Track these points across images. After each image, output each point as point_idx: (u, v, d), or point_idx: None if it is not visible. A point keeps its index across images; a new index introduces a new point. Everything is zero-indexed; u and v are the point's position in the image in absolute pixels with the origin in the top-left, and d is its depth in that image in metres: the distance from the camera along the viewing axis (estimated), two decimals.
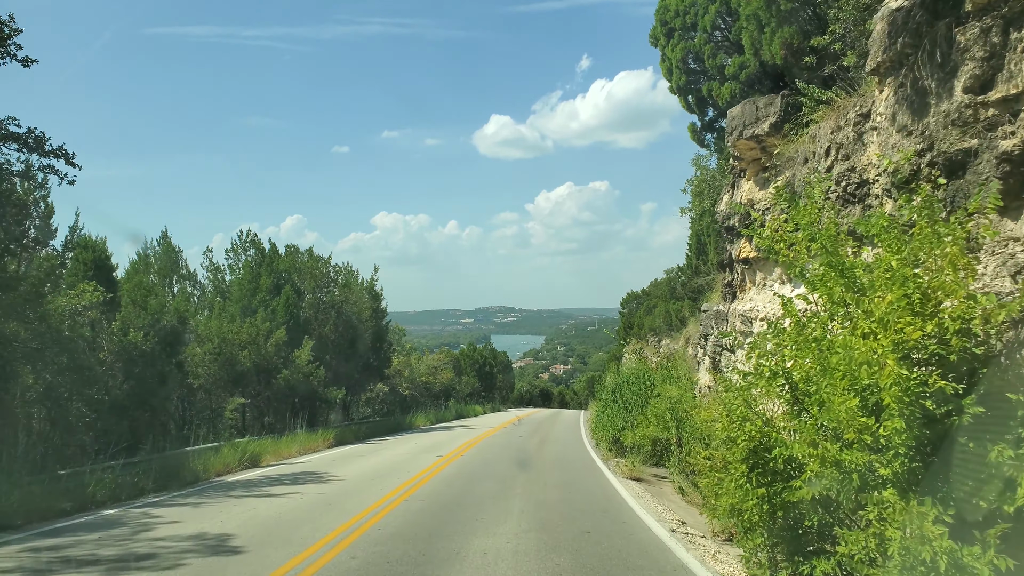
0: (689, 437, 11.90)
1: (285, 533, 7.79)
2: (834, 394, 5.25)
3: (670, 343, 37.09)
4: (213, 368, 21.26)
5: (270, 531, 7.93)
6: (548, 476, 13.02)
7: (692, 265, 25.28)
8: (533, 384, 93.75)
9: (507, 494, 10.69)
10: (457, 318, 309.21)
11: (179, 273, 25.72)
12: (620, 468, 13.93)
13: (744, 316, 12.14)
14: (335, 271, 30.34)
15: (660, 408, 14.19)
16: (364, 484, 12.03)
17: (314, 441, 20.79)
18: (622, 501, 10.23)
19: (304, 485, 12.16)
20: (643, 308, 53.00)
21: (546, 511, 9.19)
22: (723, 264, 14.07)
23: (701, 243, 21.21)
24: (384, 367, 32.62)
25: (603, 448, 18.37)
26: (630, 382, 18.61)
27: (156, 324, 16.16)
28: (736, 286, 13.16)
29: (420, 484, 11.83)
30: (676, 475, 12.33)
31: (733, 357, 13.19)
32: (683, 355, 24.83)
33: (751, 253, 11.84)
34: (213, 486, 12.43)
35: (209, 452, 15.21)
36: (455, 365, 52.38)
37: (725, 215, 12.64)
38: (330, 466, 15.36)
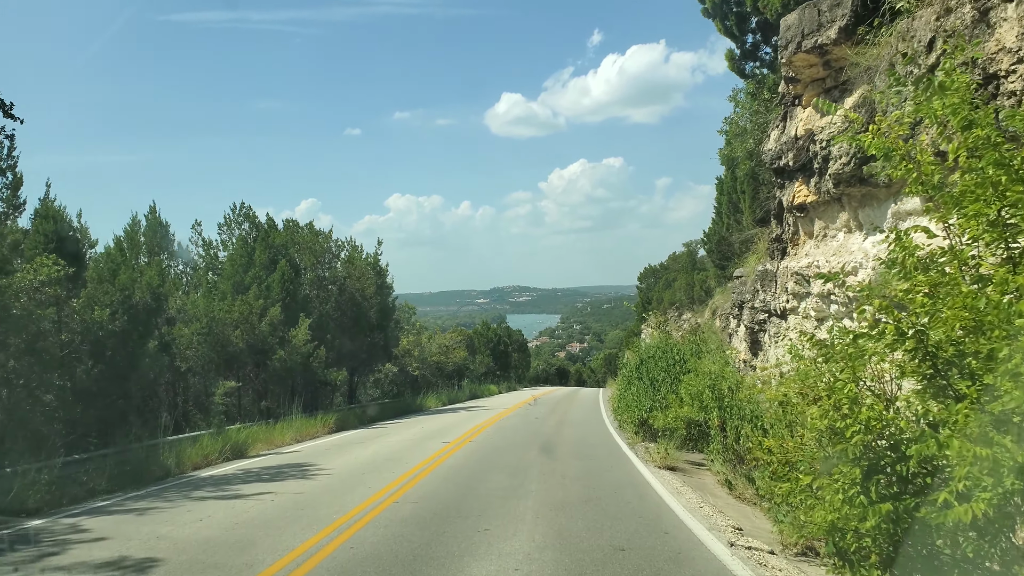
0: (736, 419, 9.99)
1: (228, 556, 6.01)
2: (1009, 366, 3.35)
3: (692, 317, 35.12)
4: (202, 350, 19.61)
5: (212, 553, 6.15)
6: (567, 466, 11.20)
7: (722, 228, 23.17)
8: (549, 363, 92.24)
9: (518, 492, 8.87)
10: (472, 298, 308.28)
11: (169, 251, 24.05)
12: (651, 455, 12.07)
13: (799, 274, 10.14)
14: (337, 246, 28.56)
15: (696, 386, 12.28)
16: (351, 480, 10.27)
17: (312, 427, 19.12)
18: (659, 500, 8.37)
19: (283, 481, 10.42)
20: (662, 282, 50.98)
21: (566, 516, 7.35)
22: (769, 216, 12.06)
23: (733, 201, 19.12)
24: (392, 346, 30.93)
25: (628, 431, 16.52)
26: (656, 357, 16.69)
27: (126, 301, 14.43)
28: (787, 240, 11.15)
29: (417, 479, 10.04)
30: (719, 464, 10.46)
31: (784, 324, 11.21)
32: (710, 328, 22.86)
33: (808, 197, 9.82)
34: (179, 484, 10.73)
35: (187, 443, 13.53)
36: (468, 344, 50.72)
37: (774, 155, 10.61)
38: (322, 456, 13.64)
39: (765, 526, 7.54)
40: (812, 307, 9.89)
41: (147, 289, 14.56)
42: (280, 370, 20.73)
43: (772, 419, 7.77)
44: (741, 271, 17.46)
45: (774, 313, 11.47)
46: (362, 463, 12.24)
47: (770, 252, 11.92)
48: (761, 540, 6.99)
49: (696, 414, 12.41)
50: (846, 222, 9.12)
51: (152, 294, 14.69)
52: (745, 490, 9.16)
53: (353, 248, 29.41)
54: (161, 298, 15.28)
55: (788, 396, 6.31)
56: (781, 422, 7.72)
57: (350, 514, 7.68)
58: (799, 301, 10.53)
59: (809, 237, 10.40)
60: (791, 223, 10.88)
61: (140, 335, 14.60)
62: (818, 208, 9.79)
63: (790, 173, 10.35)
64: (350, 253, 29.12)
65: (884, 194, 8.13)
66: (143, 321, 14.64)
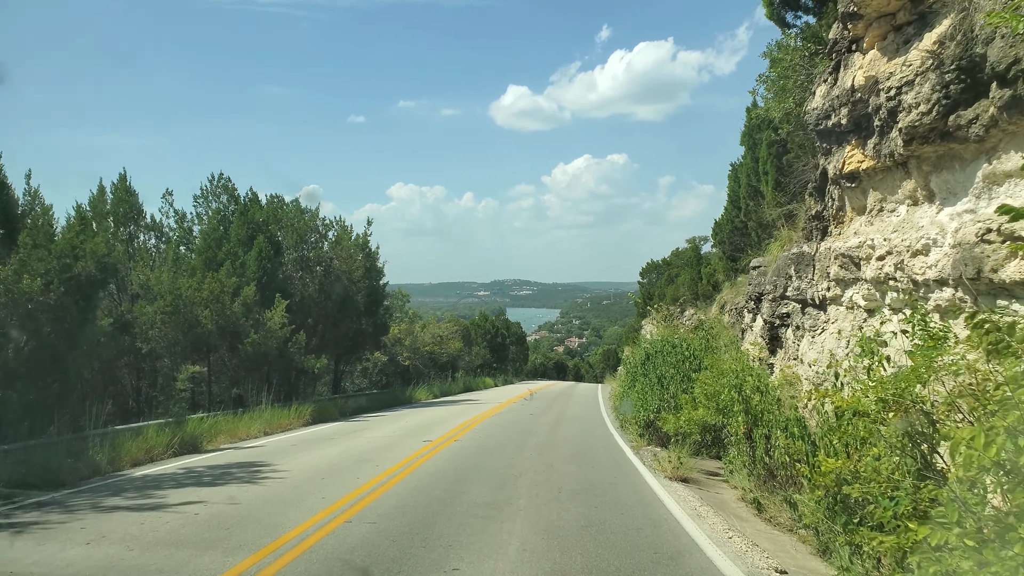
0: (766, 427, 8.31)
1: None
2: None
3: (695, 313, 33.43)
4: (165, 330, 17.91)
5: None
6: (564, 476, 9.52)
7: (736, 217, 21.48)
8: (548, 356, 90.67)
9: (503, 511, 7.20)
10: (473, 290, 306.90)
11: (141, 223, 22.32)
12: (659, 463, 10.39)
13: (847, 256, 8.44)
14: (324, 225, 26.83)
15: (713, 385, 10.61)
16: (306, 486, 8.60)
17: (285, 418, 17.45)
18: (677, 526, 6.69)
19: (223, 486, 8.74)
20: (664, 278, 49.32)
21: (560, 551, 5.68)
22: (802, 193, 10.36)
23: (752, 185, 17.42)
24: (381, 334, 29.20)
25: (631, 432, 14.85)
26: (665, 352, 15.01)
27: (66, 271, 12.71)
28: (830, 217, 9.45)
29: (384, 488, 8.37)
30: (743, 479, 8.79)
31: (822, 315, 9.51)
32: (718, 323, 21.20)
33: (863, 162, 8.11)
34: (99, 487, 9.04)
35: (128, 435, 11.84)
36: (465, 335, 49.01)
37: (821, 114, 8.89)
38: (283, 453, 11.97)
39: (812, 566, 5.88)
40: (862, 295, 8.19)
41: (91, 258, 12.82)
42: (253, 355, 19.04)
43: (823, 431, 6.09)
44: (760, 260, 15.77)
45: (810, 303, 9.76)
46: (326, 464, 10.57)
47: (806, 233, 10.21)
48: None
49: (713, 418, 10.75)
50: (912, 192, 7.41)
51: (98, 264, 12.96)
52: (778, 513, 7.49)
53: (342, 228, 27.69)
54: (108, 268, 13.54)
55: (864, 405, 4.62)
56: (834, 434, 6.03)
57: (286, 537, 6.00)
58: (843, 288, 8.84)
59: (859, 213, 8.69)
60: (836, 197, 9.17)
61: (81, 310, 12.89)
62: (874, 176, 8.08)
63: (840, 135, 8.65)
64: (338, 233, 27.40)
65: (972, 151, 6.43)
66: (86, 294, 12.92)
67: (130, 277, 18.96)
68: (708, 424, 11.20)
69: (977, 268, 5.78)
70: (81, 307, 13.09)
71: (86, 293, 13.00)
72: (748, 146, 17.71)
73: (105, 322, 16.15)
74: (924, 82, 6.71)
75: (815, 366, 9.40)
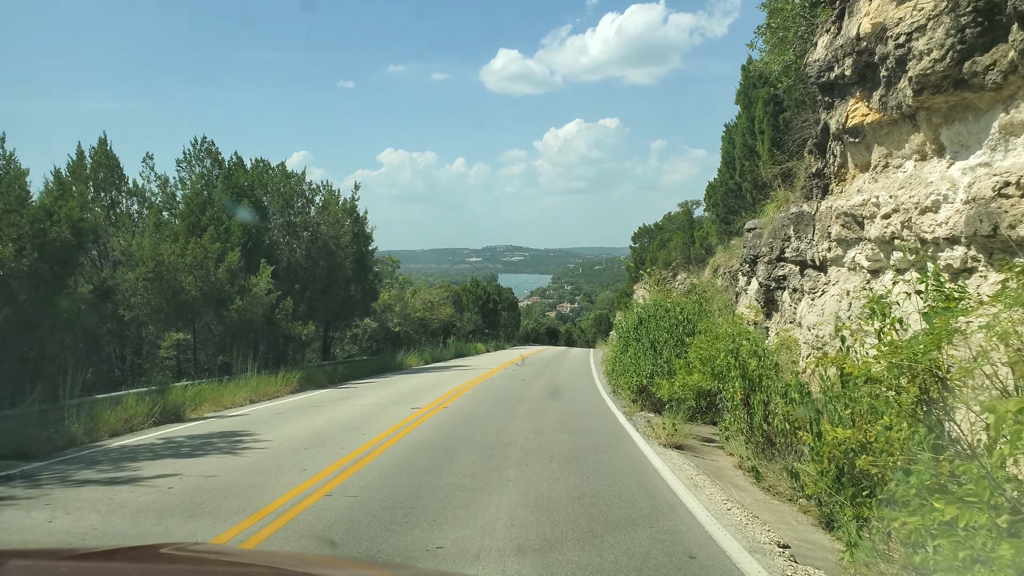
0: (765, 393, 8.04)
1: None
2: None
3: (687, 277, 33.20)
4: (148, 296, 17.46)
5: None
6: (555, 443, 9.27)
7: (730, 179, 21.07)
8: (539, 322, 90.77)
9: (492, 482, 6.92)
10: (464, 257, 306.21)
11: (123, 189, 21.68)
12: (653, 430, 10.15)
13: (850, 215, 8.08)
14: (311, 190, 26.22)
15: (709, 350, 10.32)
16: (287, 457, 8.30)
17: (271, 385, 17.15)
18: (673, 498, 6.43)
19: (202, 457, 8.43)
20: (656, 242, 49.05)
21: (551, 524, 5.41)
22: (800, 152, 9.95)
23: (748, 144, 16.96)
24: (370, 300, 28.82)
25: (624, 397, 14.65)
26: (658, 316, 14.71)
27: (40, 237, 12.22)
28: (831, 175, 9.06)
29: (368, 458, 8.09)
30: (740, 446, 8.55)
31: (823, 277, 9.19)
32: (712, 287, 20.93)
33: (868, 116, 7.70)
34: (72, 459, 8.72)
35: (107, 404, 11.50)
36: (456, 301, 48.72)
37: (823, 65, 8.44)
38: (267, 422, 11.68)
39: (816, 539, 5.64)
40: (865, 255, 7.86)
41: (66, 222, 12.32)
42: (238, 322, 18.66)
43: (828, 397, 5.79)
44: (755, 222, 15.44)
45: (810, 264, 9.43)
46: (310, 433, 10.28)
47: (806, 191, 9.83)
48: (815, 556, 5.10)
49: (708, 383, 10.49)
50: (920, 146, 7.02)
51: (72, 228, 12.46)
52: (777, 482, 7.25)
53: (329, 193, 27.09)
54: (83, 233, 13.05)
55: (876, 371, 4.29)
56: (838, 401, 5.74)
57: (261, 513, 5.70)
58: (845, 249, 8.50)
59: (862, 169, 8.30)
60: (838, 153, 8.77)
61: (56, 276, 12.44)
62: (879, 130, 7.67)
63: (843, 87, 8.21)
64: (326, 198, 26.81)
65: (988, 101, 6.03)
66: (61, 260, 12.45)
67: (110, 243, 18.42)
68: (703, 390, 10.97)
69: (993, 224, 5.43)
70: (56, 273, 12.64)
71: (61, 259, 12.54)
72: (743, 105, 17.21)
73: (85, 289, 15.73)
74: (937, 27, 6.27)
75: (815, 329, 9.11)
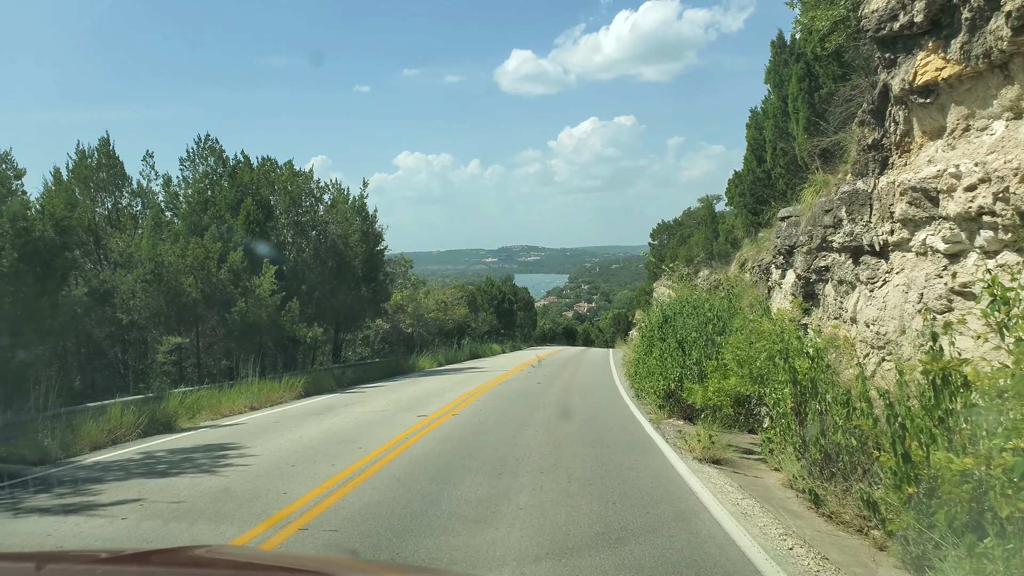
0: (822, 402, 6.87)
1: None
2: None
3: (710, 274, 31.89)
4: (147, 299, 16.62)
5: None
6: (574, 459, 8.17)
7: (756, 167, 19.83)
8: (556, 322, 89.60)
9: (499, 511, 5.84)
10: (480, 257, 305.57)
11: (126, 190, 20.91)
12: (686, 441, 9.02)
13: (920, 190, 6.89)
14: (319, 188, 25.30)
15: (747, 350, 9.15)
16: (271, 476, 7.28)
17: (275, 391, 16.21)
18: (717, 528, 5.32)
19: (175, 477, 7.44)
20: (676, 238, 47.71)
21: (567, 565, 4.31)
22: (859, 119, 8.75)
23: (779, 126, 15.73)
24: (381, 301, 27.88)
25: (649, 402, 13.50)
26: (686, 313, 13.55)
27: (21, 236, 11.35)
28: (892, 145, 7.87)
29: (361, 478, 7.04)
30: (792, 463, 7.38)
31: (883, 265, 7.99)
32: (739, 282, 19.68)
33: (943, 70, 6.51)
34: (37, 478, 7.76)
35: (91, 414, 10.59)
36: (470, 301, 47.69)
37: (884, 15, 7.26)
38: (261, 433, 10.69)
39: None
40: (941, 236, 6.66)
41: (49, 221, 11.44)
42: (241, 324, 17.75)
43: (921, 411, 4.63)
44: (789, 210, 14.21)
45: (867, 250, 8.23)
46: (303, 446, 9.27)
47: (859, 167, 8.63)
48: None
49: (748, 387, 9.34)
50: (1015, 101, 5.83)
51: (56, 227, 11.58)
52: (842, 508, 6.09)
53: (338, 191, 26.19)
54: (68, 232, 12.15)
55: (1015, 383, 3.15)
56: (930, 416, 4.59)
57: None
58: (913, 230, 7.30)
59: (932, 136, 7.11)
60: (900, 120, 7.58)
61: (39, 278, 11.55)
62: (958, 87, 6.48)
63: (910, 39, 7.03)
64: (334, 196, 25.91)
65: None
66: (45, 261, 11.56)
67: (108, 244, 17.61)
68: (741, 395, 9.81)
69: None
70: (39, 275, 11.75)
71: (45, 259, 11.65)
72: (774, 84, 16.01)
73: (79, 291, 14.89)
74: None
75: (875, 326, 7.91)
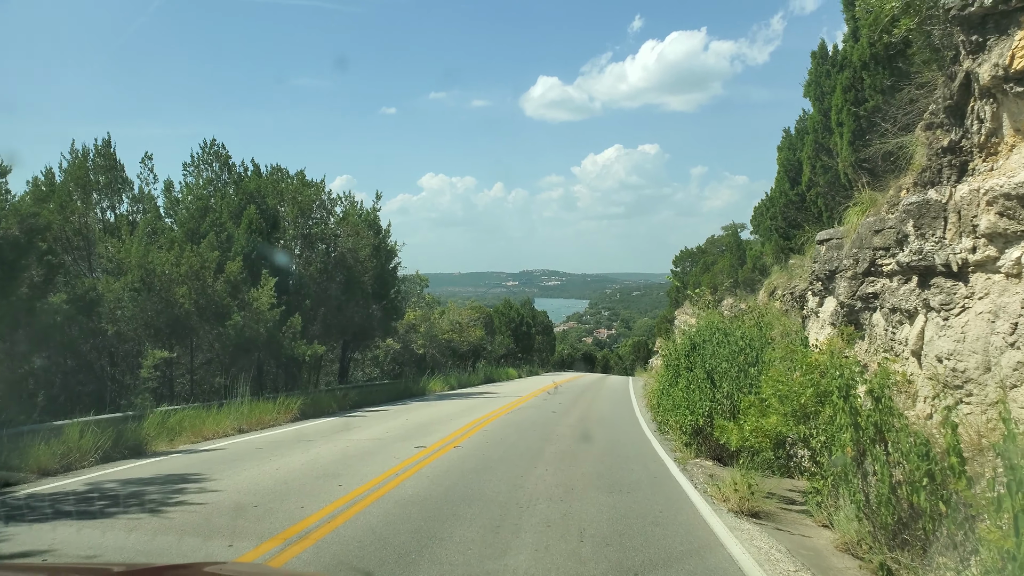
0: (894, 450, 5.56)
1: None
2: None
3: (735, 303, 30.51)
4: (133, 309, 15.64)
5: None
6: (587, 509, 6.88)
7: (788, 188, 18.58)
8: (575, 347, 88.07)
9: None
10: (501, 281, 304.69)
11: (128, 194, 20.14)
12: (720, 490, 7.70)
13: (1014, 198, 5.62)
14: (330, 199, 24.37)
15: (790, 385, 7.83)
16: (217, 522, 6.08)
17: (267, 412, 15.09)
18: None
19: (106, 519, 6.26)
20: (699, 265, 46.30)
21: None
22: (927, 121, 7.52)
23: (819, 142, 14.47)
24: (392, 319, 26.77)
25: (674, 438, 12.17)
26: (716, 341, 12.25)
27: None
28: (974, 148, 6.62)
29: (325, 528, 5.82)
30: (852, 522, 6.05)
31: (962, 288, 6.68)
32: (769, 311, 18.33)
33: None
34: None
35: (45, 436, 9.49)
36: (487, 323, 46.49)
37: None
38: (233, 463, 9.51)
39: None
40: None
41: (13, 217, 10.48)
42: (236, 339, 16.70)
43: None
44: (829, 232, 12.91)
45: (940, 270, 6.93)
46: (277, 480, 8.08)
47: (929, 174, 7.38)
48: None
49: (790, 428, 8.01)
50: None
51: (21, 226, 10.61)
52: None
53: (350, 203, 25.28)
54: (34, 232, 11.18)
55: None
56: None
57: None
58: (1003, 246, 6.01)
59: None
60: (987, 116, 6.34)
61: (4, 280, 10.58)
62: None
63: (1004, 17, 5.83)
64: (346, 209, 24.99)
65: None
66: (8, 261, 10.59)
67: (97, 249, 16.72)
68: (783, 436, 8.46)
69: None
70: (3, 276, 10.79)
71: (8, 260, 10.68)
72: (814, 97, 14.79)
73: (57, 298, 13.92)
74: None
75: (950, 361, 6.58)
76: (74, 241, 16.57)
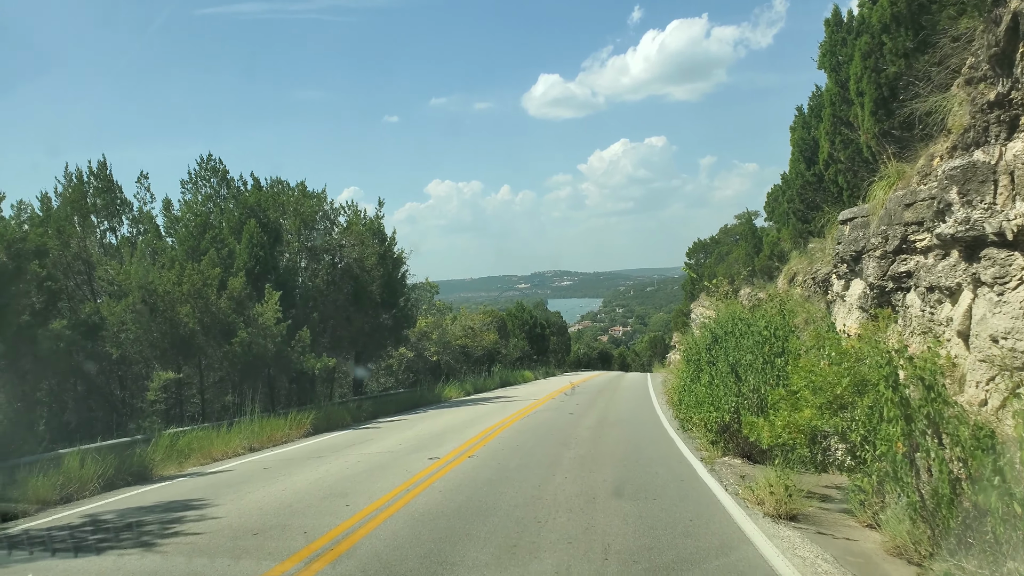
0: (953, 445, 5.01)
1: None
2: None
3: (752, 292, 29.83)
4: (136, 331, 15.31)
5: None
6: (611, 519, 6.37)
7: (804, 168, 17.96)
8: (591, 347, 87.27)
9: None
10: (513, 284, 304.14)
11: (126, 216, 19.85)
12: (752, 492, 7.17)
13: None
14: (333, 210, 23.97)
15: (826, 375, 7.26)
16: (213, 554, 5.63)
17: (278, 429, 14.67)
18: None
19: (95, 557, 5.82)
20: (714, 256, 45.60)
21: None
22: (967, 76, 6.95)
23: (838, 116, 13.87)
24: (403, 328, 26.33)
25: (698, 436, 11.62)
26: (739, 333, 11.66)
27: None
28: (1022, 102, 6.02)
29: (325, 559, 5.36)
30: (904, 525, 5.50)
31: (1019, 259, 6.09)
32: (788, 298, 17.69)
33: None
34: None
35: (44, 466, 9.10)
36: (500, 327, 45.98)
37: None
38: (239, 485, 9.08)
39: None
40: None
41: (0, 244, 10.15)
42: (243, 356, 16.31)
43: None
44: (853, 211, 12.30)
45: (991, 240, 6.34)
46: (282, 503, 7.62)
47: (974, 133, 6.79)
48: None
49: (826, 421, 7.44)
50: None
51: (9, 251, 10.26)
52: None
53: (354, 212, 24.87)
54: (23, 256, 10.83)
55: None
56: None
57: None
58: None
59: None
60: None
61: None
62: None
63: None
64: (350, 218, 24.57)
65: None
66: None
67: (96, 272, 16.42)
68: (818, 431, 7.89)
69: None
70: None
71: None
72: (830, 68, 14.18)
73: (58, 324, 13.60)
74: None
75: (1007, 340, 6.01)
76: (75, 265, 16.30)
